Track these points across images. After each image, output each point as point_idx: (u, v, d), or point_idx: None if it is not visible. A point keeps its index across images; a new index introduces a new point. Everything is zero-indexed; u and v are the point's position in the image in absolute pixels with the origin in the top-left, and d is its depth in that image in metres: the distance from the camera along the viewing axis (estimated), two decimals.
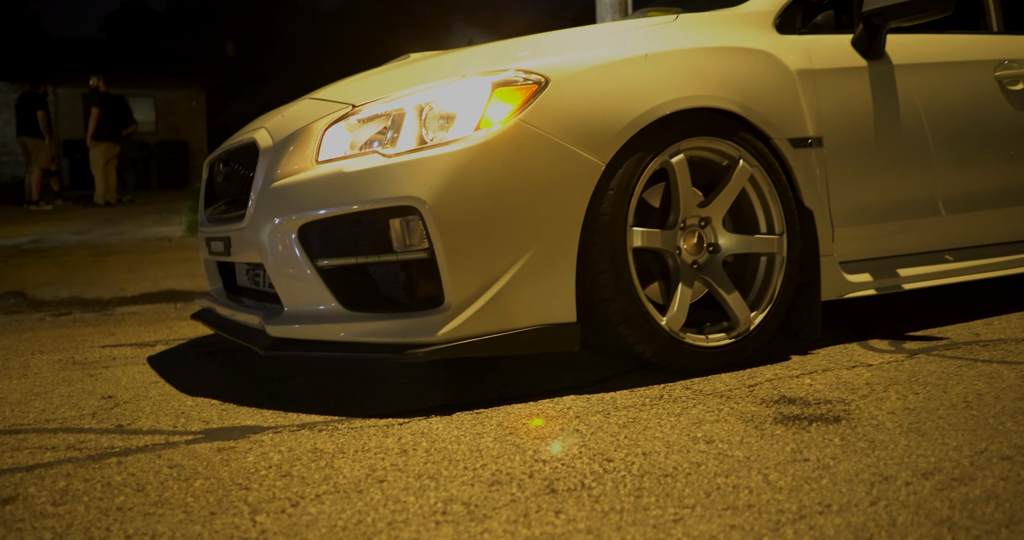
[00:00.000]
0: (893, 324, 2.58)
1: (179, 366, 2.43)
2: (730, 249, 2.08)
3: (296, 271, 1.89)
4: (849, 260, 2.32)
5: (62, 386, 2.19)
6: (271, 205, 1.94)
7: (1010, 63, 2.69)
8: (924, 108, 2.45)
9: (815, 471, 1.27)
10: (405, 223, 1.79)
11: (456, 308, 1.74)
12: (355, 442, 1.54)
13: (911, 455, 1.33)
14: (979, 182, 2.61)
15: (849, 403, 1.66)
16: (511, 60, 1.90)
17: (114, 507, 1.25)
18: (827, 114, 2.24)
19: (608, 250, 1.85)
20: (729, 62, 2.09)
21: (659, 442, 1.46)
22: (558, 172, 1.81)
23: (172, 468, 1.43)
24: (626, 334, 1.88)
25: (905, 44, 2.48)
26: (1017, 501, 1.12)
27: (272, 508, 1.21)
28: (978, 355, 2.08)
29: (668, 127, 1.93)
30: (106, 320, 3.74)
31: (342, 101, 1.97)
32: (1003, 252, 2.70)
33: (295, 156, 1.94)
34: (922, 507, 1.11)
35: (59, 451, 1.56)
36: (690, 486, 1.23)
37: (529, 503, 1.19)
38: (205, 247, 2.48)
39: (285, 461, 1.44)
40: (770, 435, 1.47)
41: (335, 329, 1.83)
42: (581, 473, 1.31)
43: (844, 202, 2.27)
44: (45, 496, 1.31)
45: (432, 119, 1.83)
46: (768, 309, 2.08)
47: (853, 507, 1.12)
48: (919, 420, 1.52)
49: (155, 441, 1.61)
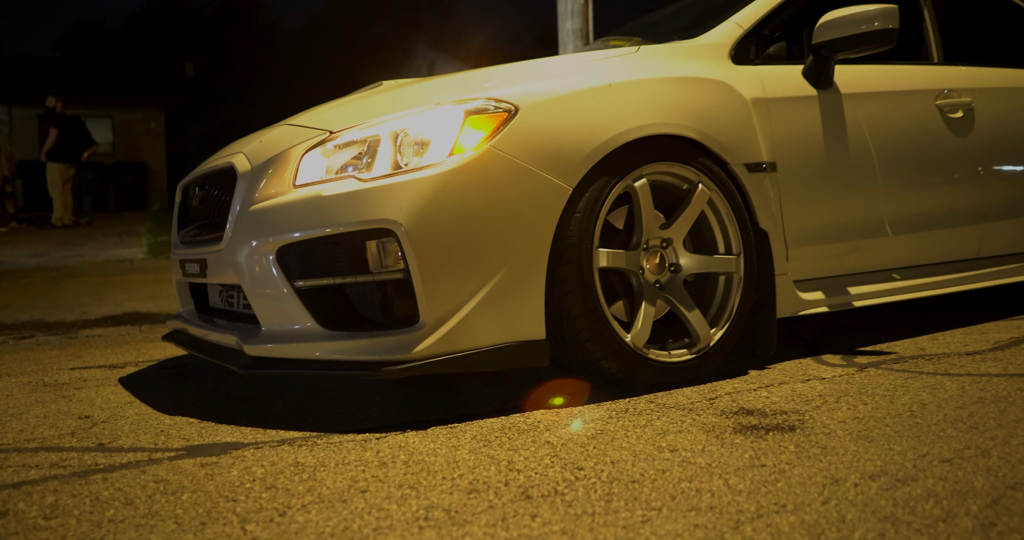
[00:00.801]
0: (845, 340, 2.70)
1: (152, 387, 2.45)
2: (690, 269, 2.18)
3: (274, 292, 1.95)
4: (803, 279, 2.44)
5: (36, 407, 2.21)
6: (249, 228, 2.00)
7: (950, 92, 2.86)
8: (871, 135, 2.59)
9: (771, 475, 1.36)
10: (381, 245, 1.86)
11: (431, 326, 1.81)
12: (335, 456, 1.60)
13: (859, 460, 1.42)
14: (922, 205, 2.76)
15: (803, 413, 1.77)
16: (482, 89, 1.99)
17: (105, 520, 1.29)
18: (780, 140, 2.36)
19: (575, 270, 1.94)
20: (688, 91, 2.21)
21: (626, 451, 1.54)
22: (528, 196, 1.90)
23: (158, 483, 1.47)
24: (593, 350, 1.96)
25: (853, 74, 2.62)
26: (954, 499, 1.22)
27: (260, 517, 1.27)
28: (923, 368, 2.20)
29: (631, 153, 2.04)
30: (71, 343, 3.73)
31: (319, 127, 2.04)
32: (946, 271, 2.85)
33: (273, 180, 2.01)
34: (868, 505, 1.20)
35: (43, 469, 1.60)
36: (656, 491, 1.31)
37: (506, 509, 1.26)
38: (179, 269, 2.51)
39: (268, 474, 1.49)
40: (730, 444, 1.56)
41: (313, 348, 1.89)
42: (554, 481, 1.38)
43: (797, 224, 2.39)
44: (35, 511, 1.35)
45: (407, 145, 1.91)
46: (727, 326, 2.18)
47: (806, 506, 1.21)
48: (867, 428, 1.63)
49: (138, 458, 1.65)
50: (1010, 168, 3.05)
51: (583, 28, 5.55)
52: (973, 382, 2.01)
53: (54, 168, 10.90)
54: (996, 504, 1.19)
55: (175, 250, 2.63)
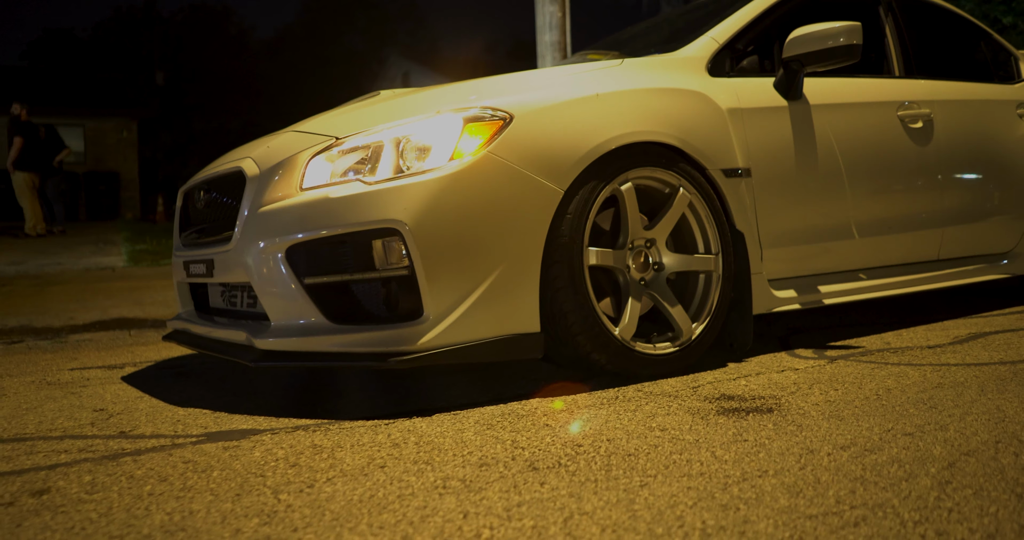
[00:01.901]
0: (815, 337, 2.87)
1: (157, 384, 2.54)
2: (672, 267, 2.33)
3: (283, 289, 2.06)
4: (776, 278, 2.60)
5: (48, 403, 2.29)
6: (258, 229, 2.11)
7: (910, 104, 3.05)
8: (838, 143, 2.77)
9: (753, 448, 1.50)
10: (387, 243, 1.98)
11: (434, 320, 1.93)
12: (349, 439, 1.71)
13: (832, 434, 1.57)
14: (886, 209, 2.94)
15: (780, 398, 1.91)
16: (479, 98, 2.13)
17: (145, 493, 1.39)
18: (754, 148, 2.53)
19: (567, 268, 2.07)
20: (669, 101, 2.36)
21: (620, 431, 1.67)
22: (522, 198, 2.03)
23: (186, 463, 1.58)
24: (583, 343, 2.10)
25: (820, 86, 2.80)
26: (915, 464, 1.37)
27: (291, 489, 1.38)
28: (888, 360, 2.36)
29: (618, 158, 2.19)
30: (62, 347, 3.78)
31: (325, 134, 2.16)
32: (909, 272, 3.03)
33: (281, 184, 2.12)
34: (840, 470, 1.35)
35: (72, 453, 1.69)
36: (651, 462, 1.45)
37: (516, 478, 1.39)
38: (183, 270, 2.61)
39: (290, 455, 1.60)
40: (714, 423, 1.70)
41: (321, 341, 2.00)
42: (556, 456, 1.51)
43: (771, 226, 2.55)
44: (76, 488, 1.45)
45: (410, 150, 2.03)
46: (707, 321, 2.33)
47: (786, 472, 1.35)
48: (838, 409, 1.78)
49: (161, 443, 1.75)
50: (966, 176, 3.25)
51: (560, 40, 5.72)
52: (933, 371, 2.17)
53: (21, 177, 10.84)
54: (952, 467, 1.34)
55: (177, 252, 2.73)
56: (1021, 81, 3.80)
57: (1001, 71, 3.79)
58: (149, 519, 1.26)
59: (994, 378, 2.04)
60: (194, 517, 1.26)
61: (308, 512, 1.26)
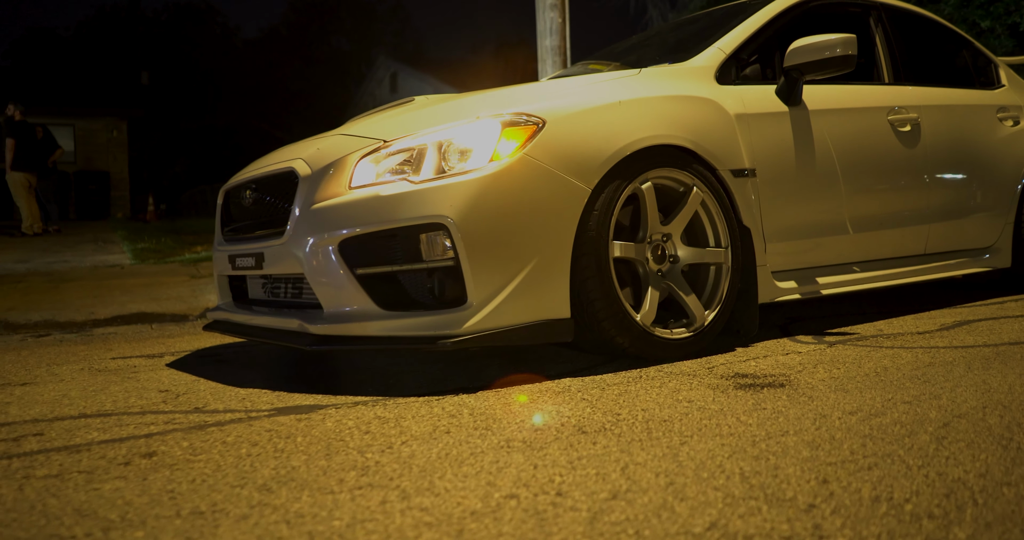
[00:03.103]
0: (813, 325, 3.09)
1: (204, 370, 2.72)
2: (687, 259, 2.54)
3: (335, 279, 2.25)
4: (778, 270, 2.82)
5: (111, 385, 2.47)
6: (312, 224, 2.30)
7: (899, 109, 3.28)
8: (834, 146, 2.99)
9: (772, 415, 1.71)
10: (433, 237, 2.18)
11: (477, 306, 2.13)
12: (408, 411, 1.91)
13: (839, 403, 1.79)
14: (877, 207, 3.17)
15: (789, 376, 2.13)
16: (514, 105, 2.33)
17: (243, 454, 1.59)
18: (758, 150, 2.74)
19: (594, 259, 2.28)
20: (683, 107, 2.58)
21: (652, 403, 1.88)
22: (555, 196, 2.24)
23: (268, 431, 1.77)
24: (608, 328, 2.31)
25: (818, 93, 3.02)
26: (915, 424, 1.58)
27: (373, 450, 1.58)
28: (882, 344, 2.59)
29: (639, 160, 2.39)
30: (91, 339, 3.95)
31: (373, 137, 2.35)
32: (898, 265, 3.27)
33: (331, 183, 2.31)
34: (851, 429, 1.56)
35: (159, 425, 1.88)
36: (685, 426, 1.65)
37: (570, 439, 1.59)
38: (227, 263, 2.79)
39: (359, 424, 1.80)
40: (734, 396, 1.91)
41: (372, 326, 2.20)
42: (600, 422, 1.72)
43: (773, 222, 2.77)
44: (179, 451, 1.64)
45: (452, 152, 2.23)
46: (718, 308, 2.55)
47: (804, 431, 1.56)
48: (843, 383, 2.00)
49: (237, 416, 1.94)
50: (950, 176, 3.49)
51: (561, 45, 5.92)
52: (924, 352, 2.40)
53: (17, 177, 10.92)
54: (946, 426, 1.56)
55: (219, 247, 2.91)
56: (1001, 86, 4.04)
57: (982, 77, 4.03)
58: (257, 473, 1.45)
59: (979, 358, 2.27)
60: (297, 471, 1.45)
61: (396, 466, 1.46)
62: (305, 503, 1.27)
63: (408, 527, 1.15)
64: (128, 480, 1.45)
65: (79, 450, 1.68)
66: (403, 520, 1.17)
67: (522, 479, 1.34)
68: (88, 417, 2.01)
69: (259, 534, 1.15)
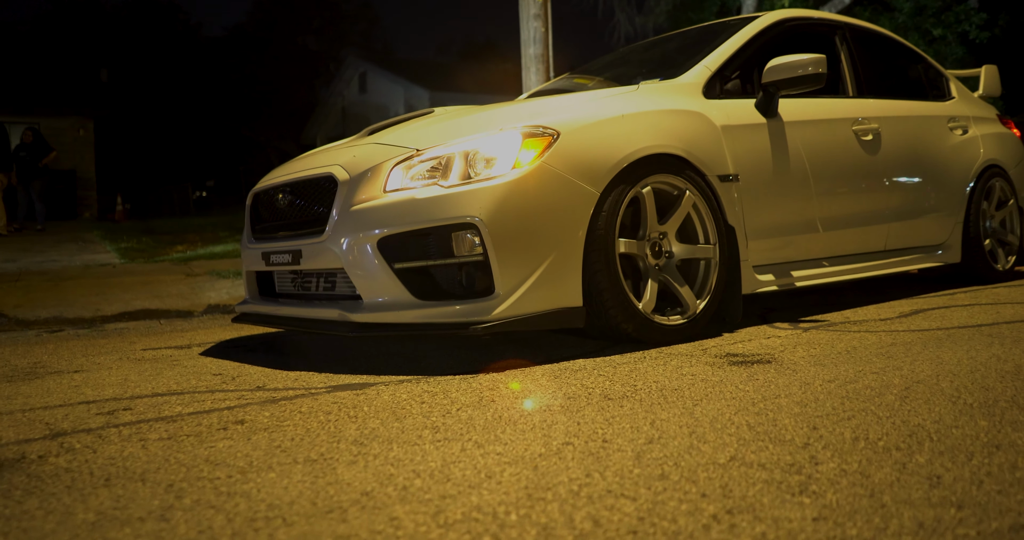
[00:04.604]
0: (788, 314, 3.44)
1: (241, 357, 2.98)
2: (680, 255, 2.87)
3: (374, 272, 2.54)
4: (758, 265, 3.16)
5: (164, 371, 2.72)
6: (351, 224, 2.58)
7: (862, 120, 3.65)
8: (806, 153, 3.35)
9: (764, 383, 2.04)
10: (462, 235, 2.47)
11: (503, 296, 2.43)
12: (451, 386, 2.20)
13: (819, 374, 2.12)
14: (844, 208, 3.53)
15: (773, 354, 2.46)
16: (530, 119, 2.63)
17: (323, 420, 1.86)
18: (741, 157, 3.08)
19: (603, 255, 2.59)
20: (677, 120, 2.90)
21: (661, 376, 2.20)
22: (569, 199, 2.55)
23: (334, 403, 2.05)
24: (615, 315, 2.62)
25: (792, 106, 3.37)
26: (882, 388, 1.92)
27: (435, 414, 1.87)
28: (850, 329, 2.94)
29: (640, 167, 2.71)
30: (107, 334, 4.15)
31: (405, 146, 2.64)
32: (862, 260, 3.64)
33: (368, 187, 2.60)
34: (831, 393, 1.89)
35: (232, 400, 2.15)
36: (693, 393, 1.97)
37: (600, 404, 1.90)
38: (261, 260, 3.05)
39: (413, 397, 2.09)
40: (729, 371, 2.24)
41: (409, 314, 2.49)
42: (621, 392, 2.03)
43: (754, 222, 3.11)
44: (265, 419, 1.91)
45: (478, 160, 2.53)
46: (708, 298, 2.88)
47: (792, 395, 1.89)
48: (820, 359, 2.34)
49: (299, 393, 2.21)
50: (907, 180, 3.88)
51: (544, 53, 6.24)
52: (887, 335, 2.75)
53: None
54: (907, 389, 1.90)
55: (250, 245, 3.17)
56: (951, 98, 4.45)
57: (935, 90, 4.44)
58: (344, 432, 1.74)
59: (934, 339, 2.62)
60: (378, 431, 1.74)
61: (461, 426, 1.75)
62: (398, 452, 1.56)
63: (492, 465, 1.44)
64: (235, 440, 1.72)
65: (174, 420, 1.95)
66: (485, 460, 1.47)
67: (571, 432, 1.65)
68: (162, 396, 2.27)
69: (372, 473, 1.43)
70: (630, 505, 1.20)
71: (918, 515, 1.12)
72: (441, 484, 1.35)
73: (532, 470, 1.40)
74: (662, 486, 1.28)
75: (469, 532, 1.13)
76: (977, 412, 1.67)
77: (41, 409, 2.15)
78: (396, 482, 1.37)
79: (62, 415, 2.06)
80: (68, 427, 1.91)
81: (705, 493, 1.24)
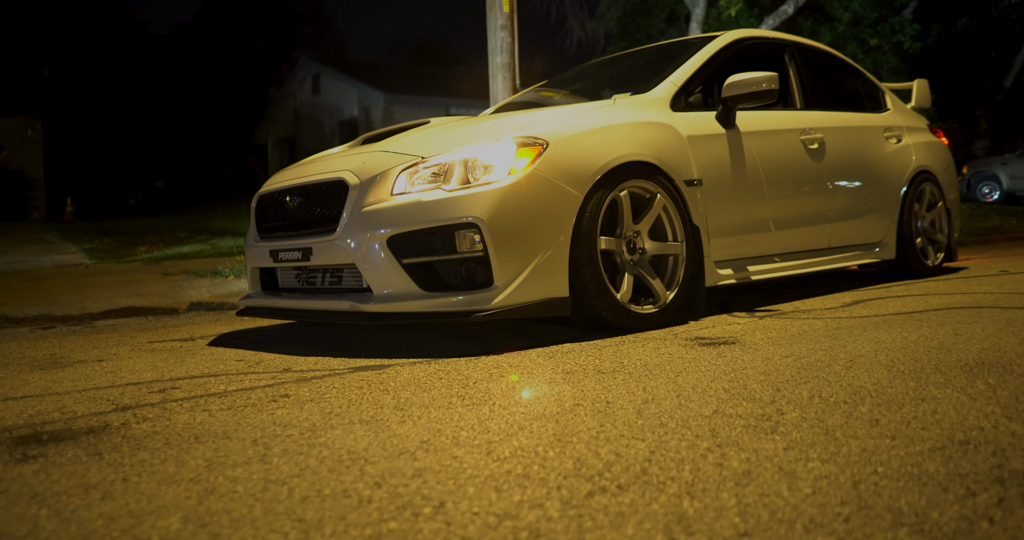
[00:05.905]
0: (745, 305, 3.83)
1: (252, 346, 3.23)
2: (652, 251, 3.22)
3: (384, 267, 2.83)
4: (719, 260, 3.53)
5: (186, 359, 2.96)
6: (363, 223, 2.87)
7: (809, 130, 4.06)
8: (760, 160, 3.73)
9: (732, 360, 2.39)
10: (464, 234, 2.78)
11: (501, 288, 2.75)
12: (460, 366, 2.51)
13: (777, 352, 2.49)
14: (793, 209, 3.93)
15: (735, 337, 2.83)
16: (523, 129, 2.95)
17: (359, 393, 2.15)
18: (703, 164, 3.45)
19: (587, 251, 2.92)
20: (649, 131, 3.25)
21: (642, 355, 2.54)
22: (557, 202, 2.87)
23: (362, 381, 2.34)
24: (597, 305, 2.96)
25: (748, 117, 3.76)
26: (830, 361, 2.29)
27: (455, 387, 2.17)
28: (800, 316, 3.33)
29: (618, 173, 3.05)
30: (100, 330, 4.33)
31: (410, 153, 2.94)
32: (809, 256, 4.04)
33: (376, 190, 2.89)
34: (788, 366, 2.25)
35: (266, 380, 2.42)
36: (671, 368, 2.31)
37: (596, 377, 2.22)
38: (268, 257, 3.31)
39: (431, 375, 2.39)
40: (700, 350, 2.59)
41: (416, 304, 2.78)
42: (611, 368, 2.36)
43: (715, 222, 3.48)
44: (305, 393, 2.19)
45: (478, 167, 2.84)
46: (676, 289, 3.23)
47: (756, 367, 2.25)
48: (776, 341, 2.70)
49: (325, 374, 2.49)
50: (849, 184, 4.30)
51: (510, 62, 6.56)
52: (832, 321, 3.14)
53: None
54: (851, 362, 2.27)
55: (257, 243, 3.42)
56: (887, 110, 4.91)
57: (872, 102, 4.89)
58: (383, 401, 2.03)
59: (872, 324, 3.02)
60: (411, 400, 2.04)
61: (482, 394, 2.06)
62: (437, 414, 1.87)
63: (521, 420, 1.76)
64: (289, 409, 2.01)
65: (224, 396, 2.21)
66: (514, 417, 1.79)
67: (578, 397, 1.97)
68: (199, 378, 2.53)
69: (423, 428, 1.74)
70: (641, 444, 1.53)
71: (862, 444, 1.47)
72: (483, 434, 1.66)
73: (555, 423, 1.72)
74: (663, 431, 1.62)
75: (520, 462, 1.44)
76: (907, 376, 2.04)
77: (93, 390, 2.39)
78: (446, 433, 1.68)
79: (117, 393, 2.30)
80: (131, 402, 2.17)
81: (698, 435, 1.58)
